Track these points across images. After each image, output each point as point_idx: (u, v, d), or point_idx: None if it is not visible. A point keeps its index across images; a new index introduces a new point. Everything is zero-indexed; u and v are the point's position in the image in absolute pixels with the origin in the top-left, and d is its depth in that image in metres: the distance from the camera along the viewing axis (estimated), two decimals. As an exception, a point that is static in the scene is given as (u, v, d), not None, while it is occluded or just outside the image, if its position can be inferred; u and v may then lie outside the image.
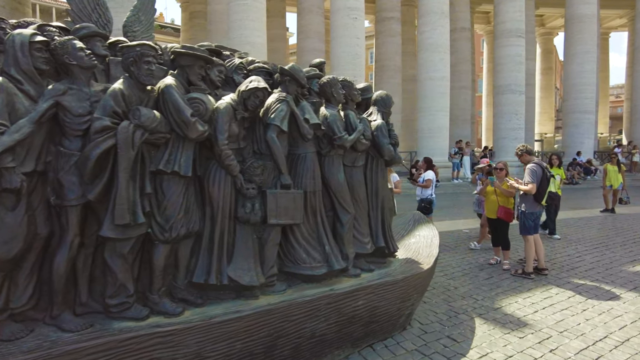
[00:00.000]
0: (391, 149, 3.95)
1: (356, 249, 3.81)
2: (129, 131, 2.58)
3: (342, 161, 3.79)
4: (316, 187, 3.50)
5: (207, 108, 2.96)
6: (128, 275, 2.71)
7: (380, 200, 4.04)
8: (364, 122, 3.85)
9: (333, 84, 3.71)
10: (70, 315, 2.57)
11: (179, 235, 2.84)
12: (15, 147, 2.34)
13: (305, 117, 3.39)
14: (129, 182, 2.62)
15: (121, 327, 2.60)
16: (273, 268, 3.26)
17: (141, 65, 2.71)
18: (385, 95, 4.15)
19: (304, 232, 3.47)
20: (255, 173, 3.16)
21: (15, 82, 2.42)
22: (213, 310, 2.93)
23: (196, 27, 22.50)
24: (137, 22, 3.53)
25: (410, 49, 22.59)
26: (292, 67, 3.44)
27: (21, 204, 2.36)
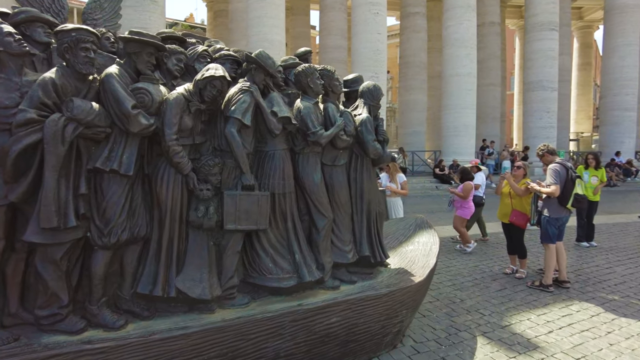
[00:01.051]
0: (377, 146, 3.53)
1: (335, 257, 3.42)
2: (58, 125, 2.31)
3: (321, 160, 3.40)
4: (286, 189, 3.14)
5: (154, 99, 2.66)
6: (61, 284, 2.44)
7: (366, 204, 3.62)
8: (346, 117, 3.46)
9: (309, 73, 3.33)
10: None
11: (120, 240, 2.55)
12: None
13: (273, 110, 3.04)
14: (59, 181, 2.35)
15: (48, 342, 2.34)
16: (232, 279, 2.93)
17: (77, 52, 2.44)
18: (372, 87, 3.73)
19: (271, 238, 3.11)
20: (211, 172, 2.84)
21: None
22: (159, 324, 2.63)
23: (220, 26, 22.63)
24: (99, 9, 3.29)
25: (436, 45, 21.77)
26: (258, 54, 3.09)
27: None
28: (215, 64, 2.93)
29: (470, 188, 6.69)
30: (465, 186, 6.74)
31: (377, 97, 3.70)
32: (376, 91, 3.71)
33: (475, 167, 7.31)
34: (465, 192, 6.72)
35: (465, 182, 6.78)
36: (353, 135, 3.47)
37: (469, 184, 6.74)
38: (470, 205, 6.80)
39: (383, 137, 3.68)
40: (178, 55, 3.02)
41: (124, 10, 12.09)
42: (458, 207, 6.94)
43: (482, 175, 7.67)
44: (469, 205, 6.76)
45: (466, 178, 6.87)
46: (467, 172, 6.98)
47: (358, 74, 4.13)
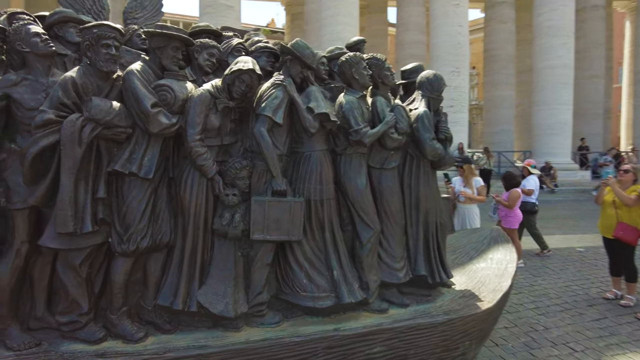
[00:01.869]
0: (436, 146, 2.99)
1: (384, 276, 2.96)
2: (75, 126, 2.21)
3: (366, 162, 2.97)
4: (324, 195, 2.76)
5: (177, 96, 2.46)
6: (81, 291, 2.35)
7: (423, 213, 3.10)
8: (398, 111, 2.98)
9: (353, 63, 2.92)
10: (17, 330, 2.30)
11: (139, 247, 2.39)
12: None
13: (309, 106, 2.68)
14: (77, 184, 2.25)
15: (65, 351, 2.26)
16: (261, 295, 2.63)
17: (99, 49, 2.33)
18: (432, 76, 3.19)
19: (306, 251, 2.76)
20: (238, 176, 2.57)
21: (-38, 73, 2.22)
22: (178, 340, 2.42)
23: (296, 28, 22.97)
24: (140, 8, 3.22)
25: (526, 36, 19.70)
26: (294, 44, 2.76)
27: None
28: (246, 57, 2.66)
29: (517, 196, 5.79)
30: (511, 194, 5.80)
31: (437, 88, 3.16)
32: (436, 81, 3.16)
33: (527, 169, 6.38)
34: (511, 201, 5.78)
35: (511, 189, 5.84)
36: (407, 133, 2.98)
37: (515, 191, 5.81)
38: (516, 214, 5.89)
39: (445, 135, 3.13)
40: (210, 49, 2.81)
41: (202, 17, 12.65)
42: (502, 216, 6.03)
43: (535, 179, 6.68)
44: (515, 213, 5.86)
45: (511, 184, 5.91)
46: (512, 177, 6.01)
47: (418, 63, 3.60)
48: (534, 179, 6.67)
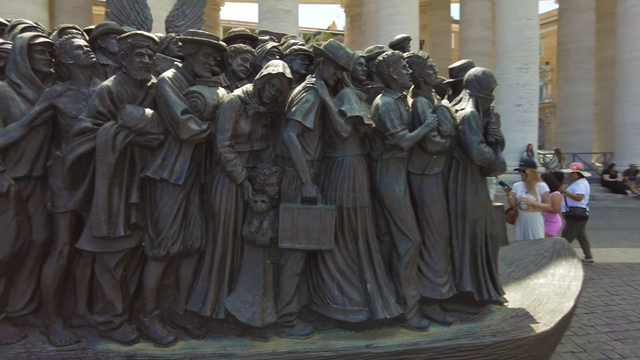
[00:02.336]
0: (484, 149, 2.71)
1: (424, 291, 2.74)
2: (109, 133, 2.28)
3: (406, 167, 2.78)
4: (358, 202, 2.61)
5: (207, 103, 2.45)
6: (116, 293, 2.42)
7: (470, 224, 2.83)
8: (441, 113, 2.74)
9: (391, 62, 2.74)
10: (60, 327, 2.42)
11: (170, 252, 2.41)
12: (6, 151, 2.30)
13: (341, 109, 2.55)
14: (112, 189, 2.32)
15: (99, 350, 2.34)
16: (290, 305, 2.54)
17: (132, 58, 2.39)
18: (481, 73, 2.90)
19: (338, 261, 2.63)
20: (268, 182, 2.51)
21: (15, 86, 2.39)
22: (206, 347, 2.41)
23: (355, 30, 22.84)
24: (182, 16, 3.30)
25: (608, 25, 17.83)
26: (327, 44, 2.64)
27: (10, 208, 2.30)
28: (277, 61, 2.60)
29: (560, 200, 5.48)
30: (553, 198, 5.36)
31: (487, 87, 2.87)
32: (486, 79, 2.88)
33: (577, 173, 5.95)
34: (555, 205, 5.36)
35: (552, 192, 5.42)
36: (451, 136, 2.74)
37: (557, 194, 5.44)
38: (557, 220, 5.53)
39: (495, 137, 2.83)
40: (244, 54, 2.79)
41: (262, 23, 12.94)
42: None
43: (586, 183, 6.13)
44: (556, 219, 5.50)
45: (551, 187, 5.46)
46: (552, 180, 5.62)
47: (467, 60, 3.31)
48: (585, 182, 6.14)
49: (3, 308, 2.38)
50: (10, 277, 2.39)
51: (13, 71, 2.40)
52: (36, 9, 12.39)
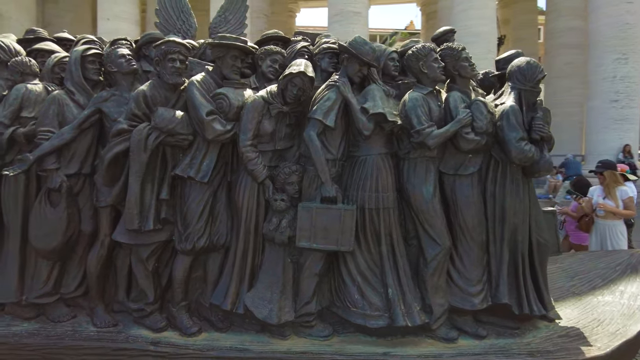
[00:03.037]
0: (523, 147, 2.43)
1: (454, 300, 2.54)
2: (142, 134, 2.46)
3: (436, 167, 2.60)
4: (381, 203, 2.51)
5: (231, 104, 2.53)
6: (148, 283, 2.60)
7: (509, 230, 2.56)
8: (476, 107, 2.52)
9: (421, 55, 2.58)
10: (102, 310, 2.66)
11: (196, 247, 2.53)
12: (60, 151, 2.59)
13: (363, 106, 2.47)
14: (145, 186, 2.50)
15: (130, 335, 2.53)
16: (309, 305, 2.51)
17: (165, 63, 2.55)
18: (524, 64, 2.60)
19: (360, 264, 2.54)
20: (288, 180, 2.52)
21: (70, 93, 2.68)
22: (226, 340, 2.50)
23: (430, 28, 22.01)
24: (224, 23, 3.44)
25: None
26: (352, 41, 2.57)
27: (62, 202, 2.59)
28: (300, 60, 2.60)
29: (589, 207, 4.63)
30: None
31: (531, 78, 2.57)
32: (530, 69, 2.58)
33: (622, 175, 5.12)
34: (580, 212, 4.58)
35: None
36: (488, 132, 2.50)
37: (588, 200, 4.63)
38: None
39: (540, 134, 2.53)
40: (273, 56, 2.83)
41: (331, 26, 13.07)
42: (570, 231, 4.90)
43: (633, 187, 5.17)
44: None
45: (581, 192, 4.75)
46: (583, 185, 4.86)
47: (515, 51, 3.01)
48: (631, 186, 5.27)
49: (57, 290, 2.68)
50: (63, 262, 2.69)
51: (69, 80, 2.70)
52: (130, 27, 13.89)
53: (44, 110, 2.62)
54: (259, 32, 18.66)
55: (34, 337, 2.46)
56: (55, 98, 2.64)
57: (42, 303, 2.64)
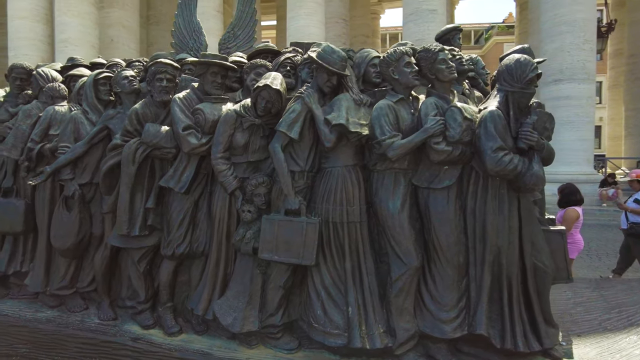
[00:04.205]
0: (502, 158, 2.12)
1: (424, 326, 2.33)
2: (131, 148, 2.73)
3: (408, 180, 2.41)
4: (347, 217, 2.41)
5: (207, 118, 2.65)
6: (140, 283, 2.85)
7: (492, 251, 2.26)
8: (451, 115, 2.28)
9: (392, 60, 2.41)
10: (106, 305, 2.99)
11: (175, 253, 2.71)
12: (74, 163, 2.99)
13: (326, 117, 2.40)
14: (135, 195, 2.76)
15: (125, 329, 2.81)
16: (274, 317, 2.52)
17: (154, 83, 2.79)
18: (513, 63, 2.27)
19: (325, 279, 2.47)
20: (255, 192, 2.55)
21: (85, 112, 3.08)
22: (198, 343, 2.63)
23: (524, 20, 20.18)
24: (233, 38, 3.59)
25: None
26: (320, 50, 2.51)
27: (75, 207, 2.98)
28: (269, 74, 2.62)
29: (574, 216, 4.42)
30: (566, 213, 4.41)
31: (520, 78, 2.24)
32: (519, 68, 2.25)
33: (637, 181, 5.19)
34: (566, 223, 4.27)
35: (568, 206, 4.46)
36: (464, 142, 2.26)
37: (573, 210, 4.43)
38: (575, 240, 4.43)
39: (527, 143, 2.19)
40: (257, 69, 2.89)
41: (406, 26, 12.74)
42: None
43: None
44: (574, 240, 4.45)
45: (569, 200, 4.49)
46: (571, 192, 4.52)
47: (521, 46, 2.64)
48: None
49: (74, 284, 3.08)
50: (79, 260, 3.09)
51: (84, 101, 3.10)
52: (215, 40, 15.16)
53: (62, 128, 3.05)
54: (338, 37, 18.95)
55: (48, 324, 2.87)
56: (72, 117, 3.05)
57: (61, 294, 3.06)
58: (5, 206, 3.13)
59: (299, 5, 14.99)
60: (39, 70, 3.40)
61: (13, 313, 3.00)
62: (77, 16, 13.35)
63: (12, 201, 3.15)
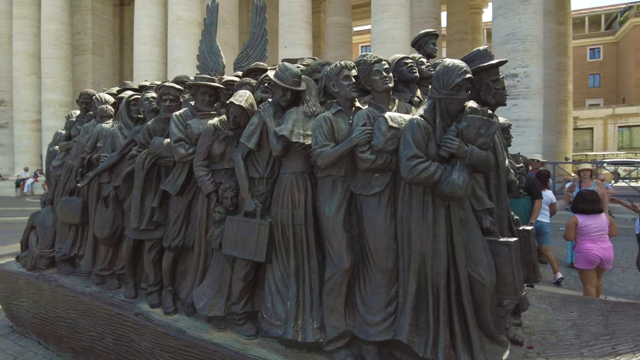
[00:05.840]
0: (414, 166, 2.11)
1: (354, 326, 2.44)
2: (141, 157, 3.35)
3: (346, 186, 2.54)
4: (293, 220, 2.63)
5: (193, 132, 3.12)
6: (150, 269, 3.44)
7: (417, 259, 2.26)
8: (377, 125, 2.34)
9: (331, 75, 2.57)
10: (131, 285, 3.64)
11: (171, 245, 3.23)
12: (110, 169, 3.73)
13: (275, 129, 2.66)
14: (145, 196, 3.37)
15: (138, 307, 3.40)
16: (236, 306, 2.84)
17: (161, 103, 3.37)
18: (441, 69, 2.21)
19: (275, 275, 2.73)
20: (224, 195, 2.93)
21: (120, 129, 3.82)
22: (182, 322, 3.08)
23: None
24: (246, 58, 4.02)
25: None
26: (276, 69, 2.78)
27: (110, 205, 3.72)
28: (238, 91, 2.98)
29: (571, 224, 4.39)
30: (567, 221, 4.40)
31: (446, 84, 2.21)
32: (445, 74, 2.22)
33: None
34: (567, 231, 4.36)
35: None
36: (389, 150, 2.32)
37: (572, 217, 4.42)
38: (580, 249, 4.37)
39: (447, 150, 2.16)
40: (243, 87, 3.26)
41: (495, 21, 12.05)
42: None
43: None
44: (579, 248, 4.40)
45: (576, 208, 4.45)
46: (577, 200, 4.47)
47: (477, 49, 2.54)
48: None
49: (111, 267, 3.83)
50: (115, 248, 3.83)
51: (120, 119, 3.84)
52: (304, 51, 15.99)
53: (104, 141, 3.83)
54: (428, 36, 18.41)
55: (89, 296, 3.64)
56: (111, 132, 3.82)
57: (102, 275, 3.83)
58: (69, 203, 4.04)
59: (382, 9, 15.05)
60: (96, 95, 4.29)
61: (71, 286, 3.85)
62: (184, 38, 15.44)
63: (74, 199, 4.05)
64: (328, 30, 20.54)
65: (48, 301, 3.89)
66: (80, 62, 20.54)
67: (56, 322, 3.82)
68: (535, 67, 11.96)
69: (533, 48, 11.95)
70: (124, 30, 23.63)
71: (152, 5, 16.81)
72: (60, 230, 4.21)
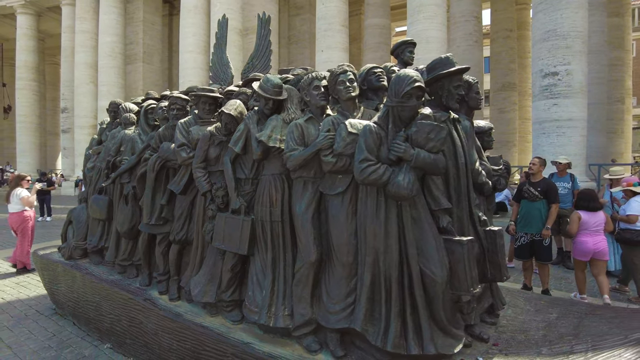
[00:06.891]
0: (364, 169, 2.31)
1: (319, 315, 2.67)
2: (152, 160, 3.78)
3: (315, 187, 2.77)
4: (270, 217, 2.90)
5: (193, 137, 3.49)
6: (160, 260, 3.86)
7: (371, 254, 2.45)
8: (338, 130, 2.56)
9: (304, 86, 2.83)
10: (146, 274, 4.09)
11: (176, 239, 3.62)
12: (130, 171, 4.21)
13: (255, 135, 2.96)
14: (155, 194, 3.80)
15: (147, 292, 3.84)
16: (224, 293, 3.16)
17: (170, 112, 3.79)
18: (394, 78, 2.38)
19: (256, 266, 3.02)
20: (216, 194, 3.26)
21: (139, 135, 4.29)
22: (183, 307, 3.45)
23: None
24: (252, 69, 4.34)
25: None
26: (261, 80, 3.08)
27: (130, 203, 4.19)
28: (231, 100, 3.31)
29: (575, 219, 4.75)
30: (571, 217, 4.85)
31: (397, 92, 2.38)
32: (397, 83, 2.39)
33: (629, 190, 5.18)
34: None
35: None
36: (346, 154, 2.53)
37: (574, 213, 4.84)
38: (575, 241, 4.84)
39: (395, 154, 2.34)
40: (240, 96, 3.59)
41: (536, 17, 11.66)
42: None
43: None
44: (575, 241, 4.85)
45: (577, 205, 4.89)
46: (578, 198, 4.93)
47: (440, 56, 2.67)
48: None
49: (131, 257, 4.30)
50: (134, 241, 4.30)
51: (139, 125, 4.31)
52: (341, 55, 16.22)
53: (126, 145, 4.32)
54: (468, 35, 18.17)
55: (109, 283, 4.12)
56: (131, 138, 4.30)
57: (123, 265, 4.32)
58: (98, 200, 4.58)
59: (418, 10, 14.97)
60: (122, 104, 4.81)
61: (98, 274, 4.38)
62: (225, 45, 16.21)
63: (102, 197, 4.59)
64: (367, 32, 20.65)
65: (79, 287, 4.44)
66: (131, 71, 22.14)
67: (85, 305, 4.36)
68: (578, 64, 11.31)
69: (576, 44, 11.32)
70: (172, 39, 25.14)
71: (197, 15, 17.81)
72: (91, 224, 4.77)
